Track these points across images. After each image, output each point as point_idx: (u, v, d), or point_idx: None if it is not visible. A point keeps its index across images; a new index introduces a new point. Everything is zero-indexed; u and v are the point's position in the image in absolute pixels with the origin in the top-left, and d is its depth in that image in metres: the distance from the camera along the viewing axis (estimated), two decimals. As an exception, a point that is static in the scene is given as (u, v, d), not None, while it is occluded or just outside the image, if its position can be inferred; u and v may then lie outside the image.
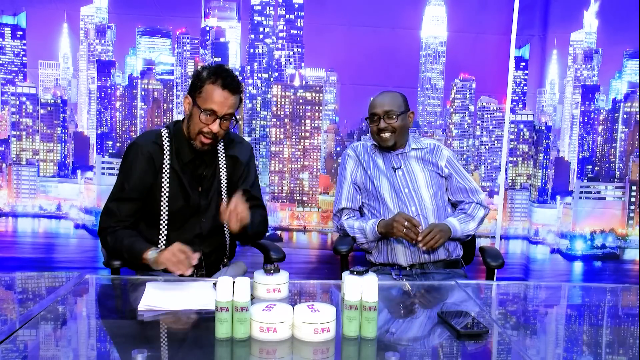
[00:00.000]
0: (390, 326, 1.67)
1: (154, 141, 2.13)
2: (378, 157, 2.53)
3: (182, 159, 2.13)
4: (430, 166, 2.51)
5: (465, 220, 2.46)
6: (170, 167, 2.12)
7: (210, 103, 2.03)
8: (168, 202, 2.12)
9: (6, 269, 3.21)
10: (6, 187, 3.32)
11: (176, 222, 2.15)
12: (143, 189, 2.11)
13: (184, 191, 2.14)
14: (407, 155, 2.52)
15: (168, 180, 2.12)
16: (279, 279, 1.75)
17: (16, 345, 1.42)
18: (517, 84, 3.41)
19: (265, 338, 1.42)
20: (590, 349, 1.57)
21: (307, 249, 3.43)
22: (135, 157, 2.11)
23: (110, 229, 2.10)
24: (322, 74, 3.37)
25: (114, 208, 2.11)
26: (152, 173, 2.11)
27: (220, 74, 2.05)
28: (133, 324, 1.62)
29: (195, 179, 2.16)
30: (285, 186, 3.42)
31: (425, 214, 2.44)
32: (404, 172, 2.49)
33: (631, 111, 3.35)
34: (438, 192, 2.49)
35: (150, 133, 2.21)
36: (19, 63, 3.28)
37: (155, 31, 3.32)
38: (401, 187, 2.46)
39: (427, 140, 2.61)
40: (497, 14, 3.31)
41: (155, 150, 2.12)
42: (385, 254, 2.44)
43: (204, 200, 2.18)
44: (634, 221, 3.38)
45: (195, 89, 2.06)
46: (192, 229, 2.16)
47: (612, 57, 3.34)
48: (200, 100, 2.05)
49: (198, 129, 2.06)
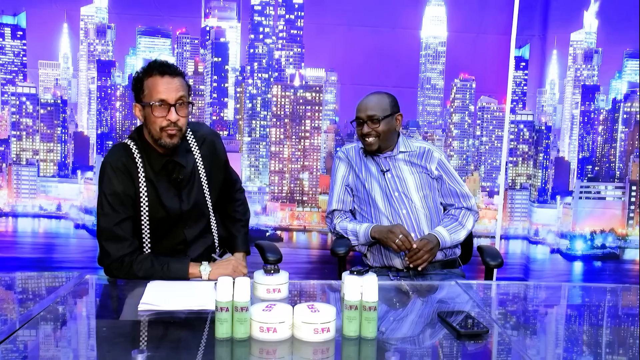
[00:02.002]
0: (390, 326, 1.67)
1: (124, 154, 2.05)
2: (369, 160, 2.52)
3: (153, 167, 2.05)
4: (419, 168, 2.49)
5: (456, 230, 2.44)
6: (145, 178, 2.04)
7: (156, 94, 1.96)
8: (148, 212, 2.04)
9: (6, 269, 3.21)
10: (6, 187, 3.32)
11: (158, 231, 2.08)
12: (131, 203, 2.03)
13: (164, 199, 2.06)
14: (395, 158, 2.50)
15: (146, 191, 2.04)
16: (279, 279, 1.75)
17: (16, 345, 1.42)
18: (517, 84, 3.41)
19: (265, 338, 1.42)
20: (590, 349, 1.57)
21: (307, 249, 3.43)
22: (112, 173, 2.02)
23: (127, 257, 1.97)
24: (322, 74, 3.38)
25: (119, 232, 1.98)
26: (131, 185, 2.03)
27: (153, 65, 2.00)
28: (133, 324, 1.62)
29: (173, 185, 2.08)
30: (285, 186, 3.42)
31: (417, 217, 2.43)
32: (393, 176, 2.48)
33: (631, 111, 3.35)
34: (429, 194, 2.48)
35: (118, 147, 2.11)
36: (19, 63, 3.28)
37: (155, 31, 3.32)
38: (391, 190, 2.45)
39: (418, 143, 2.55)
40: (497, 14, 3.31)
41: (128, 162, 2.04)
42: (380, 258, 2.44)
43: (186, 205, 2.10)
44: (634, 221, 3.38)
45: (138, 91, 2.01)
46: (176, 236, 2.11)
47: (612, 57, 3.34)
48: (146, 97, 1.98)
49: (158, 126, 1.98)
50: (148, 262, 1.96)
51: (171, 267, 1.95)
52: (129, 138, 2.11)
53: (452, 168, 2.56)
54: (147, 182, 2.04)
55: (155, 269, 1.94)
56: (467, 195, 2.52)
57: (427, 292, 2.08)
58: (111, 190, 2.00)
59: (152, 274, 1.94)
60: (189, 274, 1.94)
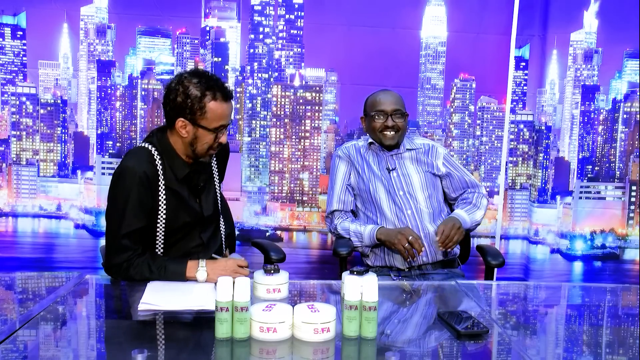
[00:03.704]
0: (390, 326, 1.67)
1: (147, 161, 1.95)
2: (371, 158, 2.50)
3: (177, 175, 1.98)
4: (425, 167, 2.49)
5: (472, 211, 2.45)
6: (165, 187, 1.96)
7: (219, 120, 1.91)
8: (165, 221, 1.98)
9: (6, 269, 3.21)
10: (6, 187, 3.32)
11: (175, 237, 2.03)
12: (147, 213, 1.95)
13: (183, 207, 2.01)
14: (402, 156, 2.50)
15: (165, 200, 1.97)
16: (279, 279, 1.75)
17: (16, 345, 1.42)
18: (517, 84, 3.41)
19: (265, 338, 1.42)
20: (590, 349, 1.57)
21: (307, 249, 3.43)
22: (132, 182, 1.90)
23: (126, 263, 1.92)
24: (322, 74, 3.38)
25: (125, 242, 1.91)
26: (150, 195, 1.94)
27: (215, 87, 1.90)
28: (133, 324, 1.62)
29: (193, 192, 2.05)
30: (285, 186, 3.42)
31: (421, 217, 2.42)
32: (399, 174, 2.47)
33: (631, 111, 3.35)
34: (433, 194, 2.48)
35: (140, 153, 1.98)
36: (19, 63, 3.28)
37: (155, 31, 3.32)
38: (396, 189, 2.44)
39: (420, 140, 2.58)
40: (497, 14, 3.31)
41: (151, 170, 1.94)
42: (382, 258, 2.42)
43: (207, 211, 2.09)
44: (634, 221, 3.38)
45: (194, 111, 1.89)
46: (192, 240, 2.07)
47: (612, 57, 3.35)
48: (205, 121, 1.90)
49: (208, 146, 1.95)
50: (145, 267, 1.90)
51: (168, 270, 1.90)
52: (148, 142, 2.00)
53: (457, 161, 2.59)
54: (168, 191, 1.97)
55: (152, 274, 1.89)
56: (476, 184, 2.55)
57: (427, 292, 2.08)
58: (128, 199, 1.91)
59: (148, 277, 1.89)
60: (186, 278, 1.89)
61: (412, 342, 1.59)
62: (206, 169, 2.12)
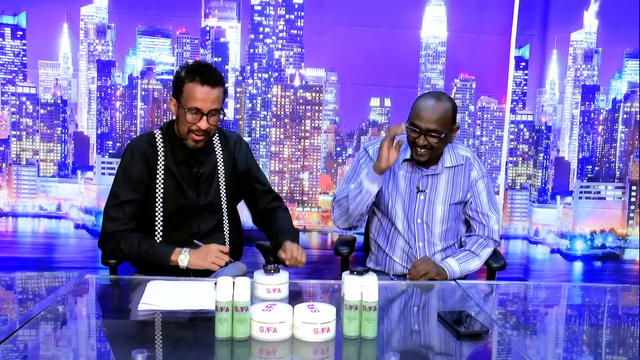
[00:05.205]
0: (390, 326, 1.67)
1: (147, 142, 2.16)
2: (403, 172, 2.31)
3: (175, 158, 2.14)
4: (454, 195, 2.31)
5: (466, 259, 2.28)
6: (164, 167, 2.13)
7: (193, 101, 2.02)
8: (163, 201, 2.13)
9: (6, 269, 3.21)
10: (6, 187, 3.32)
11: (172, 222, 2.15)
12: (142, 189, 2.12)
13: (180, 190, 2.14)
14: (438, 178, 2.31)
15: (163, 180, 2.13)
16: (279, 279, 1.75)
17: (16, 345, 1.42)
18: (517, 84, 3.41)
19: (265, 338, 1.42)
20: (590, 349, 1.57)
21: (307, 249, 3.43)
22: (131, 158, 2.13)
23: (118, 233, 2.07)
24: (322, 74, 3.37)
25: (118, 211, 2.09)
26: (148, 173, 2.13)
27: (198, 71, 2.04)
28: (133, 324, 1.62)
29: (192, 178, 2.16)
30: (285, 186, 3.42)
31: (432, 250, 2.32)
32: (425, 200, 2.30)
33: (631, 111, 3.35)
34: (452, 226, 2.34)
35: (144, 135, 2.25)
36: (19, 63, 3.28)
37: (155, 31, 3.32)
38: (415, 216, 2.30)
39: (463, 152, 2.35)
40: (497, 14, 3.31)
41: (149, 150, 2.14)
42: (384, 263, 2.39)
43: (203, 200, 2.17)
44: (634, 221, 3.38)
45: (177, 90, 2.07)
46: (190, 228, 2.16)
47: (612, 57, 3.34)
48: (183, 100, 2.05)
49: (187, 128, 2.07)
50: (135, 241, 2.05)
51: (155, 251, 2.02)
52: (159, 128, 2.21)
53: (490, 185, 2.38)
54: (167, 172, 2.13)
55: (140, 250, 2.03)
56: (490, 228, 2.33)
57: (427, 292, 2.08)
58: (126, 172, 2.12)
59: (136, 254, 2.04)
60: (170, 261, 1.99)
61: (412, 341, 1.59)
62: (209, 162, 2.18)
